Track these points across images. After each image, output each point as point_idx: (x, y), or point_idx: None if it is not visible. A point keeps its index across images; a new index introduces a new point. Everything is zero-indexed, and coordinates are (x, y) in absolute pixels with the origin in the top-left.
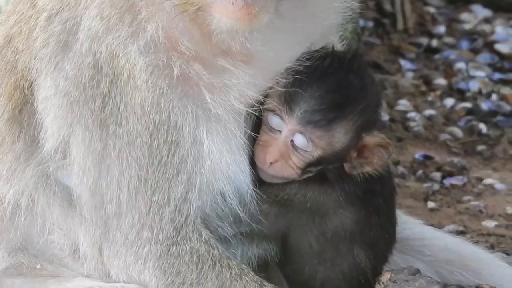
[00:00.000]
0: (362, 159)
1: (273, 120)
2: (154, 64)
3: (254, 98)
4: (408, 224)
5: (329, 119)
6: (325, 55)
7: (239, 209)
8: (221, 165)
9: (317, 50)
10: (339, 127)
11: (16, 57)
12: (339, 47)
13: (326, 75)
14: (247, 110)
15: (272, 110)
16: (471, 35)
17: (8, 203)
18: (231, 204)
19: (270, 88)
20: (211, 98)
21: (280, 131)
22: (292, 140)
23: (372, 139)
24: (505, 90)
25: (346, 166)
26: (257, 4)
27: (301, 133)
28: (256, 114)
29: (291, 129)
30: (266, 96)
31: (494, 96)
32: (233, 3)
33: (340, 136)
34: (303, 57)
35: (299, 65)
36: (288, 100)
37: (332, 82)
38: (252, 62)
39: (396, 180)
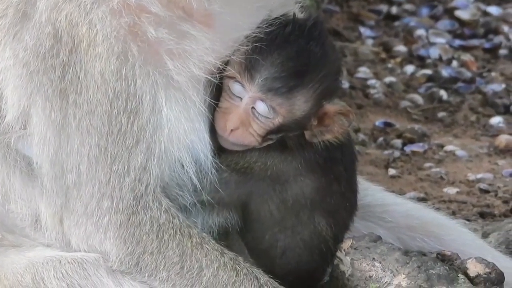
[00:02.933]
0: (323, 127)
1: (234, 87)
2: (116, 31)
3: (214, 64)
4: (369, 191)
5: (289, 86)
6: (286, 23)
7: (197, 178)
8: (179, 133)
9: (277, 17)
10: (299, 94)
11: None
12: (299, 15)
13: (287, 43)
14: (206, 77)
15: (232, 77)
16: (431, 1)
17: None
18: (189, 173)
19: (230, 55)
20: (172, 64)
21: (241, 98)
22: (253, 107)
23: (332, 107)
24: (466, 57)
25: (307, 134)
26: None
27: (262, 100)
28: (216, 81)
29: (252, 96)
30: (226, 63)
31: (454, 63)
32: None
33: (300, 103)
34: (263, 25)
35: (259, 33)
36: (249, 67)
37: (292, 50)
38: (212, 26)
39: (357, 147)
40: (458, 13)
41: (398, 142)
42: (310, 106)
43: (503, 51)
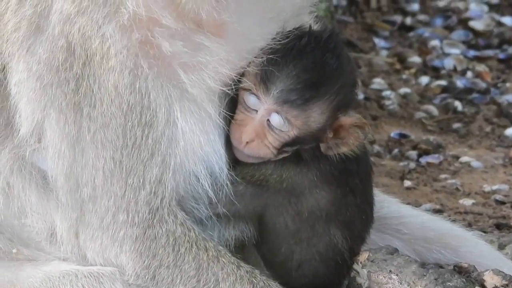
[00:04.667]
0: (338, 139)
1: (249, 99)
2: (127, 48)
3: (229, 76)
4: (385, 203)
5: (305, 98)
6: (302, 34)
7: (212, 191)
8: (194, 146)
9: (292, 29)
10: (315, 106)
11: None
12: (315, 26)
13: (303, 54)
14: (221, 89)
15: (248, 89)
16: (445, 12)
17: None
18: (204, 186)
19: (245, 66)
20: (186, 77)
21: (256, 110)
22: (268, 120)
23: (348, 119)
24: (480, 67)
25: (322, 146)
26: None
27: (277, 112)
28: (231, 93)
29: (267, 109)
30: (242, 75)
31: (469, 73)
32: None
33: (316, 115)
34: (278, 36)
35: (275, 44)
36: (265, 79)
37: (308, 61)
38: (224, 36)
39: (372, 158)
40: (472, 23)
41: (413, 153)
42: (325, 118)
43: None
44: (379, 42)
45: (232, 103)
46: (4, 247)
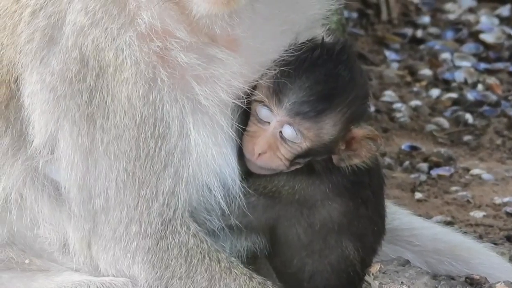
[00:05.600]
0: (351, 151)
1: (262, 112)
2: (147, 56)
3: (241, 89)
4: (397, 215)
5: (317, 110)
6: (315, 47)
7: (224, 203)
8: (207, 158)
9: (305, 41)
10: (327, 118)
11: (1, 52)
12: (327, 39)
13: (315, 67)
14: (234, 102)
15: (260, 102)
16: (456, 25)
17: None
18: (217, 198)
19: (258, 79)
20: (199, 89)
21: (269, 123)
22: (280, 132)
23: (360, 131)
24: (491, 80)
25: (335, 158)
26: None
27: (290, 124)
28: (244, 106)
29: (279, 121)
30: (254, 87)
31: (479, 86)
32: None
33: (328, 127)
34: (290, 49)
35: (287, 56)
36: (277, 91)
37: (321, 73)
38: (237, 50)
39: (383, 171)
40: (483, 36)
41: (424, 165)
42: (338, 130)
43: None
44: (390, 54)
45: (244, 115)
46: (16, 258)
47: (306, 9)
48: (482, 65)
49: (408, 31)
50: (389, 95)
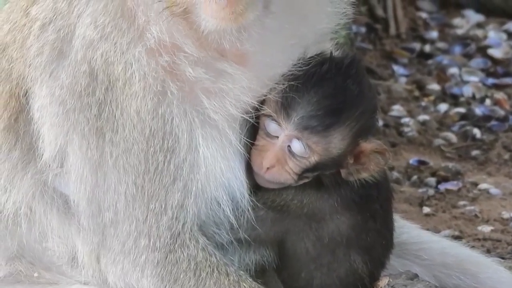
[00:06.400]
0: (359, 165)
1: (270, 126)
2: (155, 71)
3: (250, 103)
4: (405, 229)
5: (326, 124)
6: (323, 61)
7: (233, 217)
8: (216, 172)
9: (313, 56)
10: (336, 132)
11: (11, 66)
12: (336, 53)
13: (324, 81)
14: (242, 116)
15: (269, 116)
16: (464, 40)
17: (8, 213)
18: (226, 211)
19: (267, 93)
20: (208, 103)
21: (277, 137)
22: (289, 146)
23: (368, 145)
24: (499, 95)
25: (343, 172)
26: (242, 2)
27: (298, 138)
28: (252, 120)
29: (288, 135)
30: (263, 102)
31: (487, 101)
32: (216, 2)
33: (337, 142)
34: (299, 63)
35: (296, 70)
36: (285, 105)
37: (329, 88)
38: (246, 65)
39: (391, 185)
40: (490, 51)
41: (432, 180)
42: (346, 144)
43: None
44: (398, 69)
45: (253, 129)
46: (25, 271)
47: (315, 23)
48: (490, 80)
49: (416, 45)
50: (397, 109)
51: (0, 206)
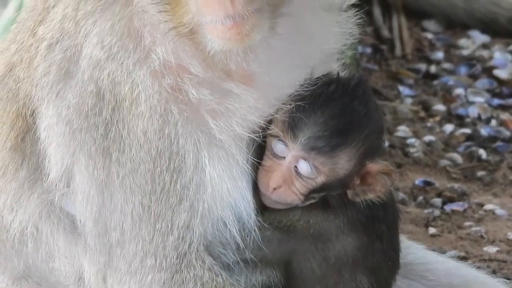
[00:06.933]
0: (365, 186)
1: (277, 146)
2: (160, 90)
3: (257, 124)
4: (411, 249)
5: (332, 145)
6: (330, 81)
7: (239, 237)
8: (222, 192)
9: (320, 76)
10: (342, 153)
11: (18, 86)
12: (342, 74)
13: (330, 101)
14: (249, 136)
15: (276, 136)
16: (470, 60)
17: (14, 232)
18: (232, 232)
19: (273, 114)
20: (214, 124)
21: (284, 157)
22: (296, 166)
23: (375, 166)
24: (504, 116)
25: (349, 193)
26: (248, 23)
27: (305, 159)
28: (259, 140)
29: (294, 155)
30: (269, 122)
31: (493, 122)
32: (222, 23)
33: (343, 162)
34: (306, 83)
35: (303, 91)
36: (292, 126)
37: (336, 108)
38: (253, 85)
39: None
40: (496, 72)
41: (438, 200)
42: (353, 165)
43: None
44: (403, 90)
45: (259, 149)
46: None
47: (322, 44)
48: (496, 101)
49: (422, 66)
50: (403, 130)
51: (7, 225)
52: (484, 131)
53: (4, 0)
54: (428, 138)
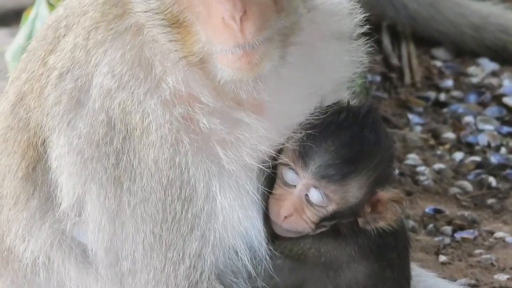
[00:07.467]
0: (376, 214)
1: (288, 175)
2: (170, 119)
3: (267, 153)
4: (422, 277)
5: (343, 173)
6: (340, 110)
7: (251, 266)
8: (233, 221)
9: (330, 104)
10: (353, 181)
11: (28, 115)
12: (352, 102)
13: (341, 130)
14: (259, 166)
15: (286, 165)
16: (479, 88)
17: (26, 262)
18: (244, 260)
19: (284, 143)
20: (224, 154)
21: (295, 186)
22: (306, 195)
23: (386, 194)
24: None
25: (360, 221)
26: (258, 52)
27: (316, 187)
28: (269, 170)
29: (305, 184)
30: (280, 151)
31: (503, 150)
32: (232, 52)
33: (354, 190)
34: (316, 112)
35: (313, 119)
36: (303, 154)
37: (346, 137)
38: (263, 114)
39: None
40: (506, 100)
41: (448, 228)
42: (363, 193)
43: None
44: (413, 118)
45: (270, 178)
46: None
47: (332, 73)
48: (505, 129)
49: (431, 94)
50: (412, 158)
51: (19, 255)
52: (494, 158)
53: (15, 28)
54: (438, 166)
